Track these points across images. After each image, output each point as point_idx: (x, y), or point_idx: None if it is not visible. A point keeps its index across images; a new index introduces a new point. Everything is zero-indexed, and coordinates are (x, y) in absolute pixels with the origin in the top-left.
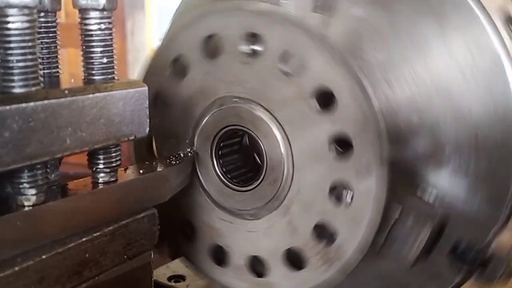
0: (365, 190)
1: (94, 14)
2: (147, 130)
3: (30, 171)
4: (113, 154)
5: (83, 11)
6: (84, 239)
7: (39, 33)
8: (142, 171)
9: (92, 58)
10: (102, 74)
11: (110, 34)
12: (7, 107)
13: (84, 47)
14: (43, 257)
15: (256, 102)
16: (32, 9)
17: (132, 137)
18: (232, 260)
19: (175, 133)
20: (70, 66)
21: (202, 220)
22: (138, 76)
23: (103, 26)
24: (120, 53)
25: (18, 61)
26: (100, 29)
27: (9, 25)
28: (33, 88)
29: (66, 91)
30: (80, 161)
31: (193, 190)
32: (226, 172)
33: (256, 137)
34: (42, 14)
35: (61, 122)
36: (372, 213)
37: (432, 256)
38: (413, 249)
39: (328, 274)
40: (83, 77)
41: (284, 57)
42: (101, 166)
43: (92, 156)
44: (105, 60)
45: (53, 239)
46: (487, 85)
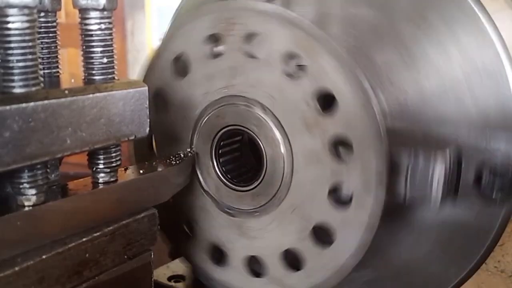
0: (364, 193)
1: (94, 14)
2: (147, 130)
3: (30, 171)
4: (113, 154)
5: (83, 11)
6: (84, 239)
7: (39, 33)
8: (142, 171)
9: (92, 58)
10: (102, 74)
11: (110, 34)
12: (7, 107)
13: (84, 47)
14: (43, 257)
15: (257, 101)
16: (32, 9)
17: (132, 137)
18: (230, 260)
19: (175, 133)
20: (70, 66)
21: (202, 220)
22: (138, 76)
23: (103, 26)
24: (120, 53)
25: (18, 61)
26: (100, 29)
27: (9, 25)
28: (33, 88)
29: (66, 91)
30: (80, 161)
31: (193, 190)
32: (226, 172)
33: (256, 138)
34: (42, 14)
35: (61, 122)
36: (370, 218)
37: (460, 197)
38: (435, 188)
39: (325, 277)
40: (83, 77)
41: (287, 58)
42: (101, 166)
43: (92, 156)
44: (105, 60)
45: (53, 239)
46: (489, 86)
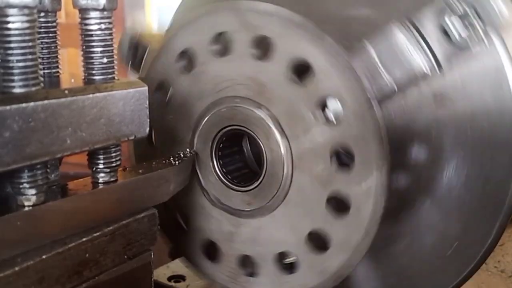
0: (363, 203)
1: (94, 14)
2: (147, 130)
3: (30, 171)
4: (113, 154)
5: (83, 11)
6: (84, 239)
7: (39, 33)
8: (142, 171)
9: (92, 58)
10: (102, 74)
11: (110, 34)
12: (7, 107)
13: (84, 47)
14: (43, 257)
15: (257, 102)
16: (32, 9)
17: (132, 137)
18: (225, 258)
19: (175, 133)
20: (70, 66)
21: (201, 220)
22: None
23: (103, 26)
24: None
25: (18, 61)
26: (100, 29)
27: (9, 25)
28: (33, 88)
29: (66, 91)
30: (80, 161)
31: (193, 190)
32: (226, 172)
33: (257, 138)
34: (42, 14)
35: (61, 122)
36: (369, 224)
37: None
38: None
39: (316, 282)
40: (83, 77)
41: (293, 64)
42: (101, 166)
43: (92, 156)
44: (105, 60)
45: (53, 239)
46: (489, 87)
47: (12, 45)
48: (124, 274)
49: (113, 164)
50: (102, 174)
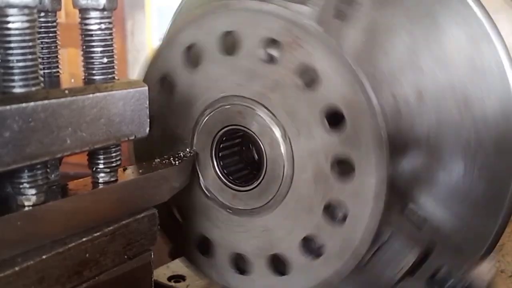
0: (360, 213)
1: (94, 14)
2: (147, 130)
3: (30, 171)
4: (113, 154)
5: (83, 11)
6: (84, 239)
7: (39, 33)
8: (142, 171)
9: (92, 58)
10: (102, 74)
11: (110, 34)
12: (7, 107)
13: (84, 47)
14: (43, 257)
15: (258, 103)
16: (32, 9)
17: (132, 137)
18: (217, 254)
19: (175, 133)
20: (70, 66)
21: (209, 226)
22: (138, 76)
23: (103, 26)
24: (120, 53)
25: (18, 61)
26: (100, 29)
27: (9, 25)
28: (33, 88)
29: (66, 91)
30: (80, 161)
31: (193, 190)
32: (226, 172)
33: (257, 138)
34: (42, 14)
35: (61, 122)
36: (363, 237)
37: (413, 279)
38: (398, 272)
39: (307, 286)
40: (83, 77)
41: (301, 70)
42: (101, 166)
43: (92, 156)
44: (105, 60)
45: (53, 239)
46: (494, 111)
47: (12, 45)
48: (124, 274)
49: (113, 164)
50: (102, 174)
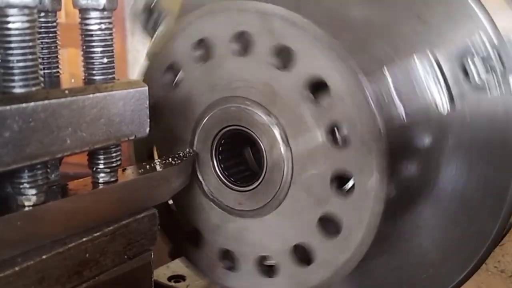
0: (354, 230)
1: (95, 14)
2: (147, 130)
3: (30, 171)
4: (113, 154)
5: (84, 11)
6: (84, 239)
7: (39, 33)
8: (142, 171)
9: (93, 58)
10: (103, 74)
11: (111, 34)
12: (7, 107)
13: (85, 47)
14: (43, 257)
15: (256, 102)
16: (32, 9)
17: (132, 137)
18: (207, 247)
19: (175, 133)
20: (70, 66)
21: (201, 220)
22: (138, 76)
23: (104, 26)
24: (120, 53)
25: (18, 61)
26: (101, 29)
27: (9, 25)
28: (33, 88)
29: (67, 91)
30: (80, 161)
31: (193, 190)
32: (226, 172)
33: (256, 138)
34: (42, 14)
35: (61, 122)
36: (355, 251)
37: (457, 97)
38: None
39: (336, 266)
40: (83, 77)
41: (276, 52)
42: (101, 166)
43: (92, 156)
44: (106, 60)
45: (53, 239)
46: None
47: (12, 45)
48: (124, 274)
49: (113, 164)
50: (102, 174)
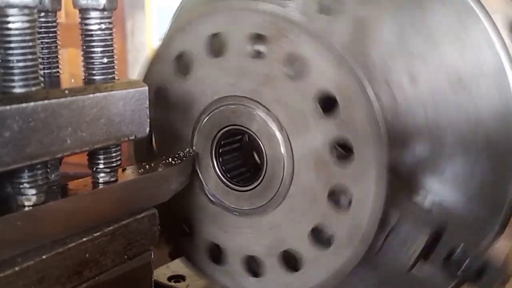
0: (364, 197)
1: (95, 14)
2: (147, 130)
3: (30, 171)
4: (113, 154)
5: (84, 11)
6: (84, 239)
7: (39, 33)
8: (142, 171)
9: (93, 58)
10: (103, 74)
11: (111, 34)
12: (7, 107)
13: (85, 47)
14: (43, 257)
15: (257, 102)
16: (33, 9)
17: (133, 137)
18: (228, 259)
19: (175, 133)
20: (71, 66)
21: (201, 220)
22: (138, 76)
23: (104, 26)
24: (120, 53)
25: (18, 61)
26: (101, 29)
27: (10, 25)
28: (33, 88)
29: (67, 91)
30: (80, 161)
31: (193, 190)
32: (226, 172)
33: (257, 138)
34: (43, 14)
35: (61, 122)
36: (369, 220)
37: (428, 263)
38: (410, 256)
39: (320, 280)
40: (83, 77)
41: (289, 60)
42: (101, 166)
43: (92, 156)
44: (106, 60)
45: (53, 239)
46: (488, 87)
47: (12, 45)
48: (124, 274)
49: (113, 164)
50: (102, 174)
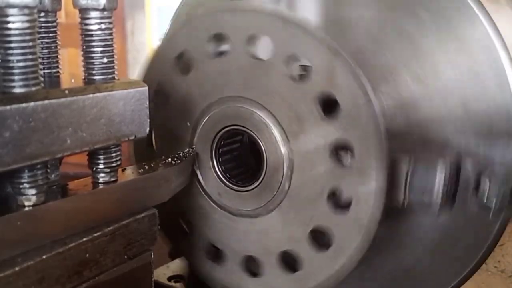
0: (364, 199)
1: (95, 14)
2: (148, 130)
3: (30, 171)
4: (113, 154)
5: (84, 11)
6: (84, 239)
7: (39, 33)
8: (142, 171)
9: (93, 58)
10: (103, 74)
11: (111, 34)
12: (7, 107)
13: (85, 47)
14: (43, 257)
15: (257, 103)
16: (33, 9)
17: (133, 137)
18: (228, 259)
19: (175, 132)
20: (71, 66)
21: (201, 220)
22: (138, 76)
23: (104, 26)
24: (120, 53)
25: (18, 61)
26: (101, 29)
27: (10, 25)
28: (34, 88)
29: (67, 91)
30: (80, 161)
31: (193, 190)
32: (226, 172)
33: (257, 138)
34: (42, 14)
35: (62, 122)
36: (369, 222)
37: (459, 201)
38: (434, 195)
39: (319, 281)
40: (83, 77)
41: (290, 61)
42: (101, 166)
43: (92, 156)
44: (106, 60)
45: (53, 239)
46: (487, 86)
47: (12, 45)
48: (124, 274)
49: (113, 164)
50: (102, 174)
